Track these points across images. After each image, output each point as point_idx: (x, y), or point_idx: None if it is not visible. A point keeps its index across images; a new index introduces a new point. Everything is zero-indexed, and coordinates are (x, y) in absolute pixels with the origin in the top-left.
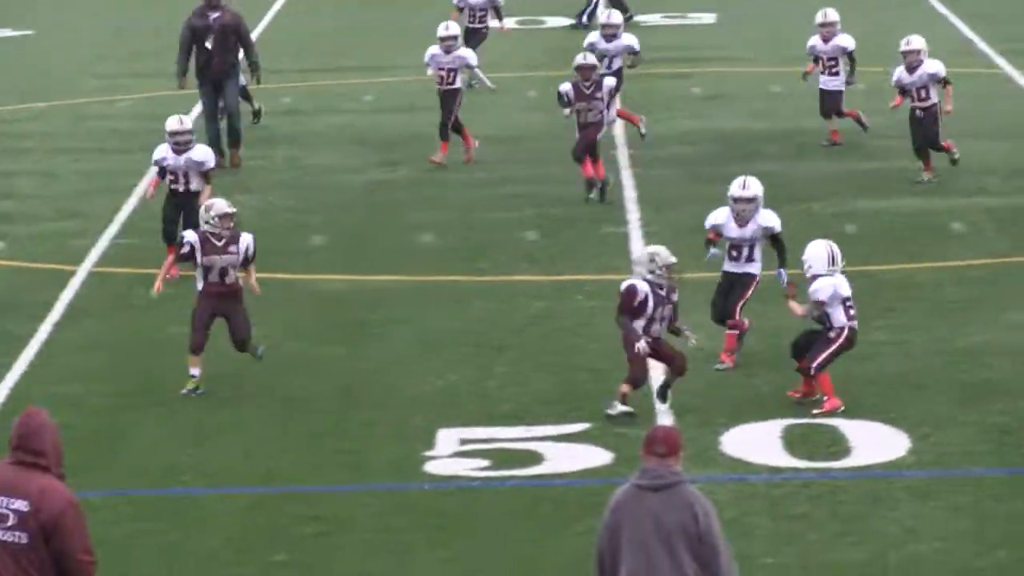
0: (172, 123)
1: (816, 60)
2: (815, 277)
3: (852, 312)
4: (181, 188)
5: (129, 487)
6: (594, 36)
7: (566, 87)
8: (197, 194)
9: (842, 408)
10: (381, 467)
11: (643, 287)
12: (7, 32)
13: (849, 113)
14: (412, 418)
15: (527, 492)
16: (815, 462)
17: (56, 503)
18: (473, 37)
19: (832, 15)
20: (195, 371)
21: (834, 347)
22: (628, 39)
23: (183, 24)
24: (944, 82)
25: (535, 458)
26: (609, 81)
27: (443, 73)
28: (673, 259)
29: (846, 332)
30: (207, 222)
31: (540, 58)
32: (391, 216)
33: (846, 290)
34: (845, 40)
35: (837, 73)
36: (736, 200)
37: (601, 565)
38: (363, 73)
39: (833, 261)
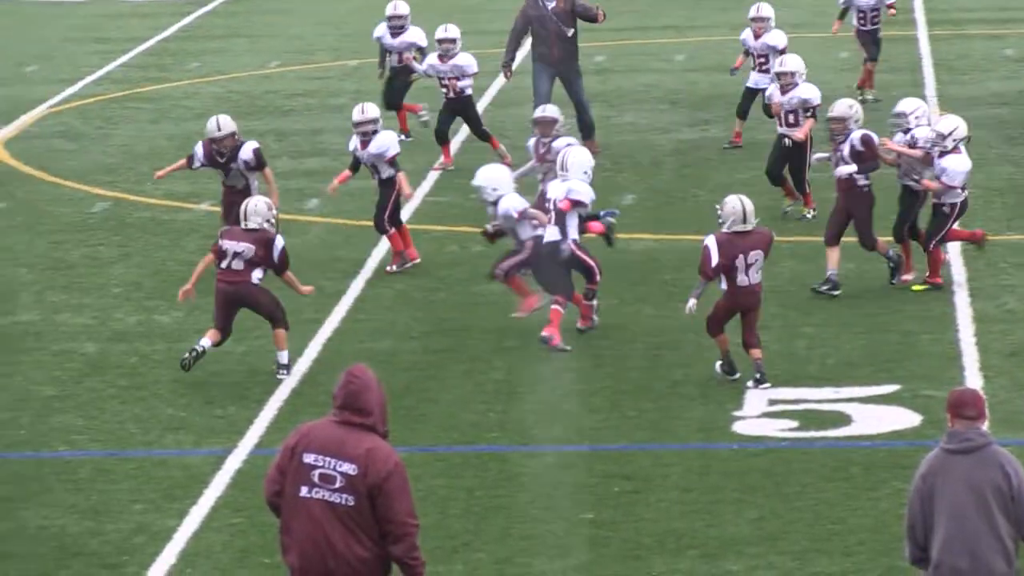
0: (355, 113)
1: None
2: None
3: None
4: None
5: (438, 443)
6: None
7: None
8: (390, 181)
9: None
10: (689, 427)
11: None
12: None
13: None
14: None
15: (835, 453)
16: None
17: (383, 466)
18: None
19: None
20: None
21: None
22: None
23: (519, 11)
24: None
25: (843, 419)
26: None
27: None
28: None
29: None
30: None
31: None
32: (700, 176)
33: None
34: None
35: None
36: None
37: (912, 531)
38: (676, 32)
39: None
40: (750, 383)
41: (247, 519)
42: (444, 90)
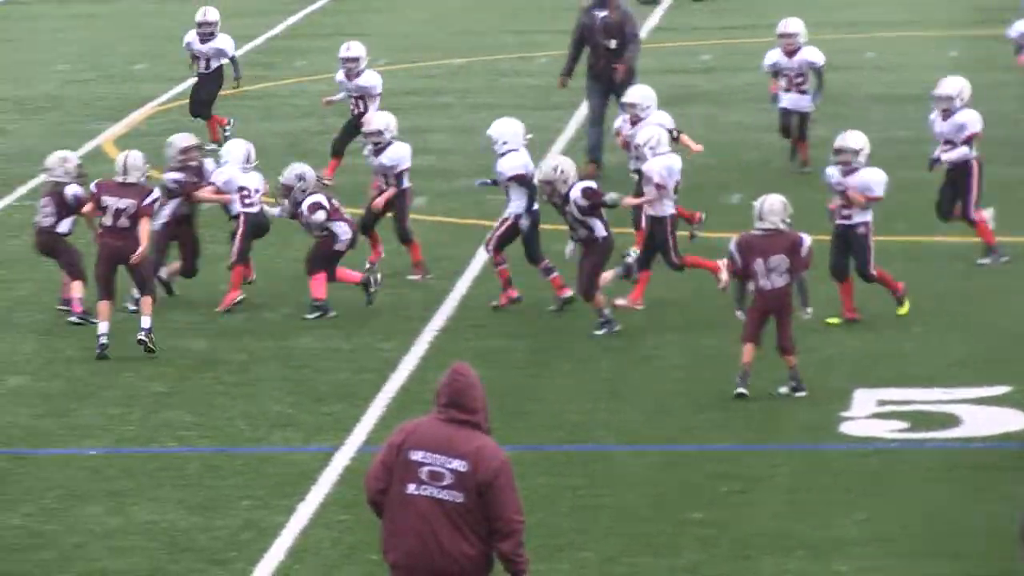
0: (366, 123)
1: None
2: None
3: None
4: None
5: (544, 442)
6: (775, 55)
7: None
8: (404, 193)
9: None
10: (796, 427)
11: None
12: None
13: None
14: (827, 378)
15: (944, 455)
16: None
17: (492, 463)
18: None
19: None
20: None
21: None
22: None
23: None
24: None
25: (953, 420)
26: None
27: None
28: None
29: None
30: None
31: (962, 16)
32: (807, 175)
33: None
34: None
35: None
36: None
37: None
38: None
39: None
40: (783, 389)
41: (355, 516)
42: (352, 107)
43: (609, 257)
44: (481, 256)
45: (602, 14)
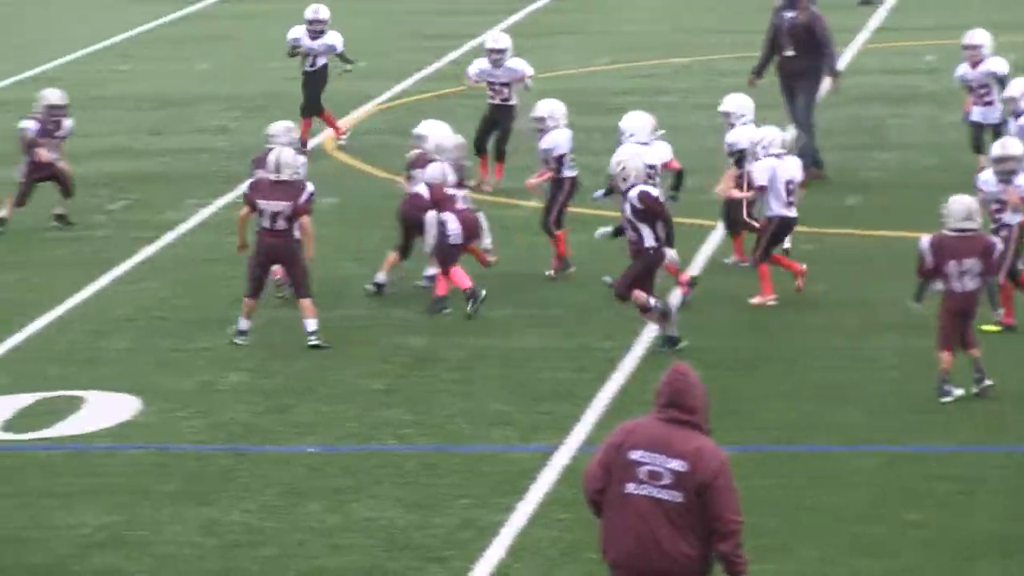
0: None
1: None
2: None
3: None
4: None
5: (760, 442)
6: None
7: None
8: (560, 182)
9: None
10: (1018, 428)
11: None
12: None
13: None
14: None
15: None
16: None
17: (712, 464)
18: None
19: None
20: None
21: None
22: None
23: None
24: None
25: None
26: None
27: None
28: None
29: None
30: None
31: None
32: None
33: None
34: None
35: None
36: None
37: None
38: (1010, 30)
39: None
40: (974, 389)
41: (574, 515)
42: (491, 95)
43: (655, 269)
44: (702, 256)
45: (790, 15)
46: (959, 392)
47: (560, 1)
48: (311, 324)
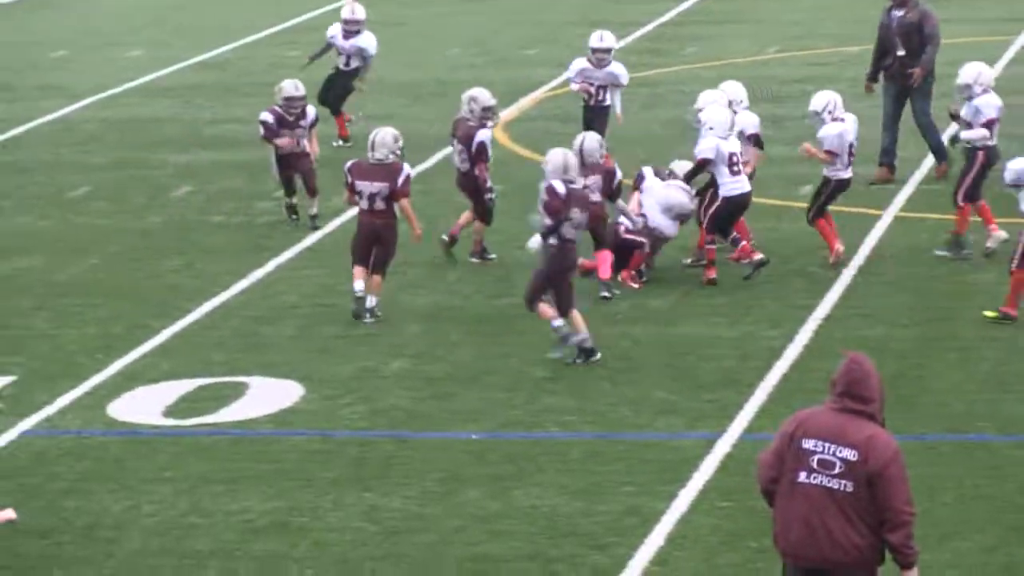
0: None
1: None
2: None
3: None
4: None
5: (928, 431)
6: None
7: None
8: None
9: None
10: None
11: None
12: None
13: None
14: None
15: None
16: None
17: (883, 453)
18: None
19: None
20: None
21: None
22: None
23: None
24: None
25: None
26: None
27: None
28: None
29: None
30: None
31: None
32: None
33: None
34: None
35: None
36: None
37: None
38: None
39: None
40: None
41: (736, 503)
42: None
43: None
44: (868, 245)
45: (899, 14)
46: None
47: None
48: (372, 300)
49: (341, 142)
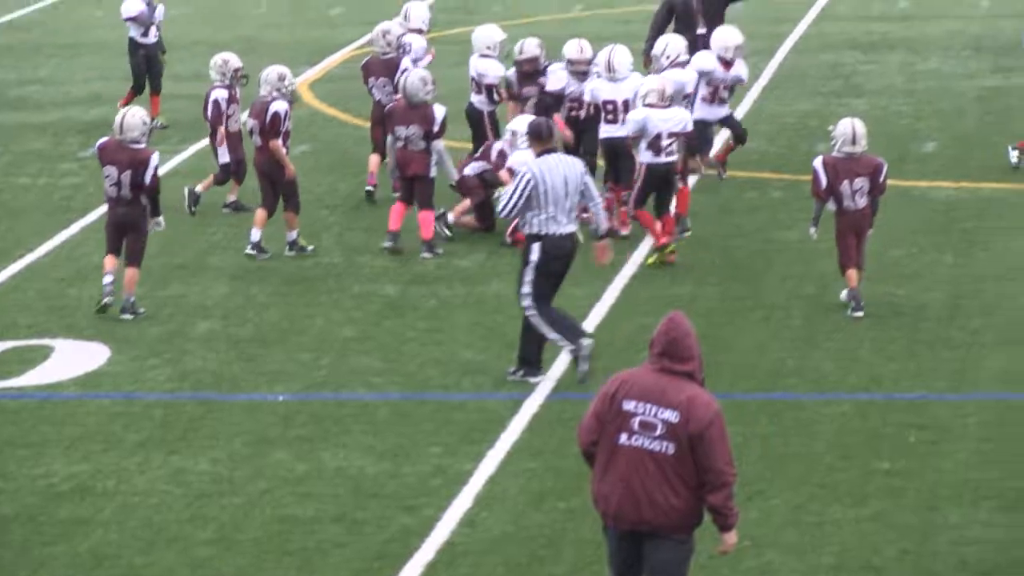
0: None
1: None
2: None
3: None
4: None
5: (734, 390)
6: None
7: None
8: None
9: None
10: (988, 376)
11: None
12: None
13: None
14: (1021, 328)
15: None
16: None
17: (704, 414)
18: None
19: None
20: None
21: None
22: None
23: None
24: None
25: None
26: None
27: None
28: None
29: None
30: None
31: None
32: (1003, 123)
33: None
34: None
35: None
36: None
37: None
38: None
39: None
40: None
41: (543, 464)
42: None
43: None
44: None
45: None
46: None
47: None
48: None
49: (159, 122)
